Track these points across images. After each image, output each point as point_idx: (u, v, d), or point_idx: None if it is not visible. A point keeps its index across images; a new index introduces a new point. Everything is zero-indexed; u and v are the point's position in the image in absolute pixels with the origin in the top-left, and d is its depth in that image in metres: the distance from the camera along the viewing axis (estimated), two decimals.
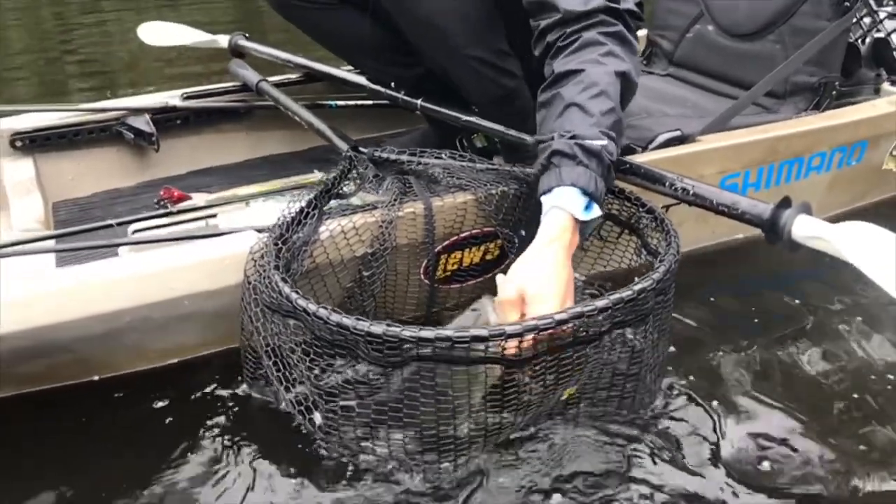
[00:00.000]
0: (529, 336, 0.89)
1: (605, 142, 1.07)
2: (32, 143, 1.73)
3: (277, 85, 1.85)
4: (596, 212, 1.06)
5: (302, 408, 1.02)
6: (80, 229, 1.32)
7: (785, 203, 1.12)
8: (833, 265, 1.05)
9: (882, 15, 2.21)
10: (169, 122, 1.85)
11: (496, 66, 1.42)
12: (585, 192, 1.04)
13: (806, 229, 1.08)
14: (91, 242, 1.28)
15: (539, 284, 0.98)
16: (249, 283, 1.09)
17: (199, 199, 1.63)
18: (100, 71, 3.97)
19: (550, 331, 0.89)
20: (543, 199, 1.07)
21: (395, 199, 1.26)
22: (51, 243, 1.36)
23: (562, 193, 1.04)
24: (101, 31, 5.13)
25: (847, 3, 1.69)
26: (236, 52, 2.07)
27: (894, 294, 0.96)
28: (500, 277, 1.02)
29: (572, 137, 1.07)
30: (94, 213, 1.70)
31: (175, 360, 1.25)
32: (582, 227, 1.05)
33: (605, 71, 1.14)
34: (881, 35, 2.14)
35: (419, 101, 1.58)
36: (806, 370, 1.30)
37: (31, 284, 1.11)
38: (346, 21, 1.57)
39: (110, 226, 1.31)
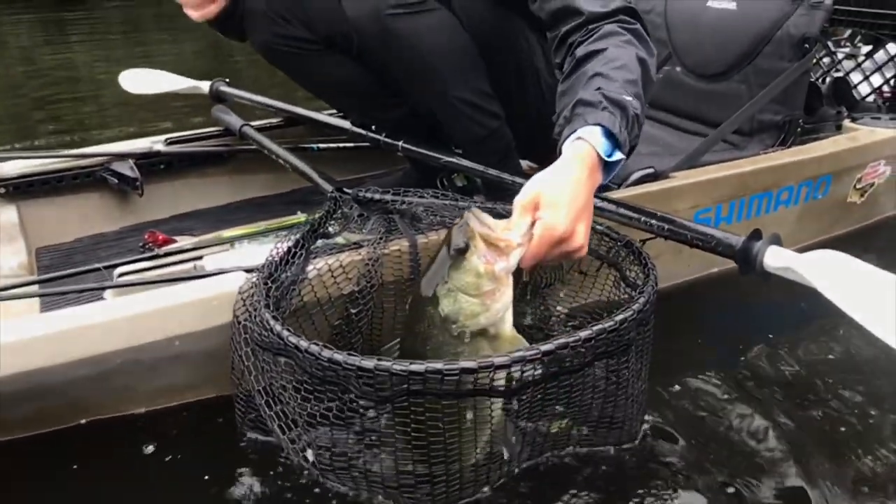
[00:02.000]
0: (517, 367, 0.91)
1: (630, 98, 1.06)
2: (16, 190, 1.74)
3: (260, 129, 1.89)
4: (619, 156, 1.02)
5: (295, 446, 1.02)
6: (67, 273, 1.33)
7: (756, 235, 1.16)
8: (805, 293, 1.08)
9: (840, 56, 2.32)
10: (153, 166, 1.88)
11: (481, 108, 1.47)
12: (609, 134, 1.01)
13: (777, 259, 1.12)
14: (77, 286, 1.28)
15: (556, 192, 0.97)
16: (239, 322, 1.10)
17: (183, 242, 1.65)
18: (71, 112, 3.99)
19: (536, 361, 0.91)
20: (564, 147, 1.03)
21: (380, 238, 1.29)
22: (36, 288, 1.37)
23: (583, 131, 1.02)
24: (71, 76, 5.17)
25: (807, 45, 1.77)
26: (217, 97, 2.11)
27: (859, 320, 1.00)
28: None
29: (597, 90, 1.06)
30: (78, 259, 1.71)
31: (165, 403, 1.25)
32: (603, 169, 1.03)
33: (626, 52, 1.15)
34: (840, 74, 2.25)
35: (400, 143, 1.62)
36: (785, 397, 1.33)
37: (17, 329, 1.11)
38: (331, 65, 1.60)
39: (97, 269, 1.32)
